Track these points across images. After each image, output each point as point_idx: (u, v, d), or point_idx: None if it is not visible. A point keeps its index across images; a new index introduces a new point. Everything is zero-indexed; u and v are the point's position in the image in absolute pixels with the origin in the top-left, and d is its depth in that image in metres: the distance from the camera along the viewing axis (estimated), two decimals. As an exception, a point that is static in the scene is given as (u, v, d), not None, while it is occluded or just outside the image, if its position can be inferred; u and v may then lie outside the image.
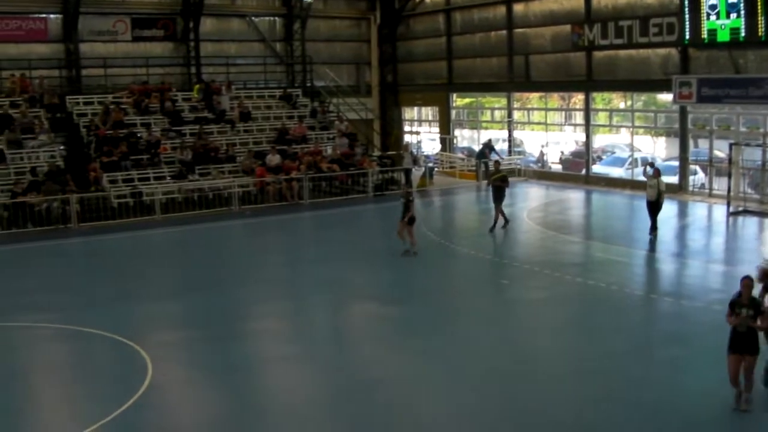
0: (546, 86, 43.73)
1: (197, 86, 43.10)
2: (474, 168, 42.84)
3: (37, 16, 42.59)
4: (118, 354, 16.81)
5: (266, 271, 24.43)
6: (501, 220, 28.98)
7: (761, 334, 13.05)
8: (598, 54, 39.64)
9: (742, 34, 32.09)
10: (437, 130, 51.10)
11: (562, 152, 43.50)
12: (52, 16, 42.91)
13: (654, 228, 26.57)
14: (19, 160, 34.59)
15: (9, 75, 39.97)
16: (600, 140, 42.21)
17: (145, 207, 33.76)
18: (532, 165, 44.36)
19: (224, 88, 42.70)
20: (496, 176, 29.61)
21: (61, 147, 36.30)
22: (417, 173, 41.37)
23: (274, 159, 37.25)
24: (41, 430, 13.36)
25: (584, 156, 41.31)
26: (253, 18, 48.82)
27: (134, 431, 13.05)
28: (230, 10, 48.06)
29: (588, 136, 40.74)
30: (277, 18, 49.94)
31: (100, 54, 43.64)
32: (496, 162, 32.22)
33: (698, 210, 32.85)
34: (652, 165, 28.01)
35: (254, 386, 15.08)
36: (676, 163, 36.72)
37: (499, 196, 29.03)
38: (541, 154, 43.99)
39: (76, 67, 42.93)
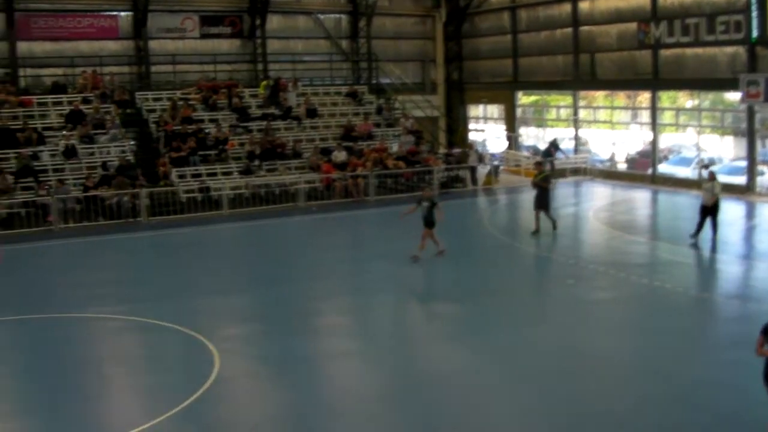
0: (612, 84, 43.40)
1: (264, 83, 43.58)
2: (539, 166, 42.79)
3: (108, 13, 43.49)
4: (185, 347, 17.11)
5: (331, 267, 24.58)
6: (546, 222, 28.21)
7: None
8: (664, 52, 39.32)
9: (812, 32, 31.78)
10: (503, 127, 51.03)
11: (628, 152, 43.21)
12: (122, 13, 43.76)
13: (699, 232, 25.83)
14: (90, 155, 35.36)
15: (81, 71, 40.86)
16: (666, 140, 41.86)
17: (212, 202, 34.30)
18: (599, 164, 44.05)
19: (291, 85, 43.14)
20: (538, 177, 28.66)
21: (132, 142, 37.02)
22: (482, 171, 41.42)
23: (340, 156, 37.61)
24: (112, 419, 13.66)
25: (650, 155, 41.08)
26: (319, 15, 49.18)
27: (201, 423, 13.28)
28: (296, 8, 48.45)
29: (654, 136, 40.49)
30: (342, 15, 50.27)
31: (168, 51, 44.47)
32: (538, 163, 31.68)
33: (766, 211, 32.47)
34: (706, 167, 27.54)
35: (318, 381, 15.21)
36: (744, 164, 36.34)
37: (544, 199, 28.13)
38: (613, 153, 43.67)
39: (146, 63, 43.78)
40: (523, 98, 50.37)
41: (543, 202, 28.08)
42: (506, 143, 49.70)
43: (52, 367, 15.94)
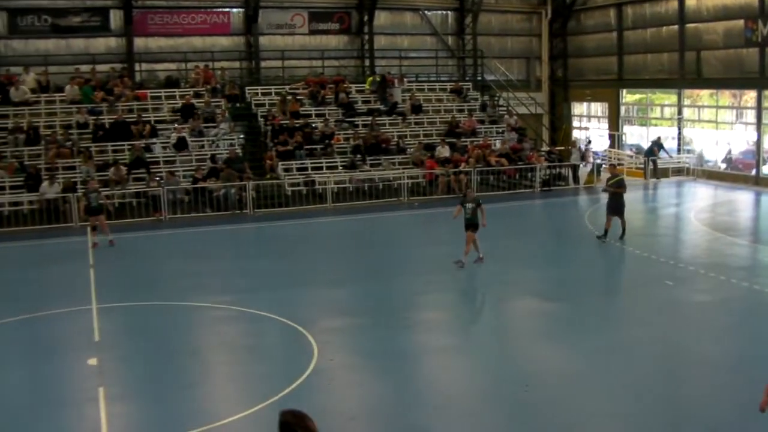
0: (717, 83, 42.18)
1: (370, 78, 43.71)
2: (642, 166, 41.98)
3: (220, 10, 44.17)
4: (286, 337, 17.21)
5: (431, 263, 24.33)
6: (612, 230, 26.40)
7: None
8: (771, 50, 38.19)
9: None
10: (606, 126, 50.27)
11: (729, 151, 42.16)
12: (234, 10, 44.37)
13: None
14: (200, 148, 35.92)
15: (194, 66, 41.58)
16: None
17: (317, 195, 34.48)
18: (706, 164, 43.02)
19: (397, 81, 43.16)
20: (612, 181, 26.74)
21: (240, 136, 37.46)
22: (584, 170, 40.88)
23: (443, 152, 37.43)
24: (212, 406, 13.80)
25: (755, 156, 39.96)
26: (425, 12, 49.08)
27: None
28: (404, 4, 48.43)
29: (759, 136, 39.29)
30: (449, 12, 50.07)
31: (278, 46, 44.93)
32: (612, 166, 30.24)
33: None
34: None
35: (415, 375, 15.16)
36: None
37: (617, 205, 26.30)
38: (729, 152, 42.48)
39: (256, 59, 44.33)
40: (627, 96, 49.34)
41: (617, 207, 26.43)
42: (609, 142, 48.95)
43: (156, 354, 16.24)
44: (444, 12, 50.03)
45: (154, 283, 22.51)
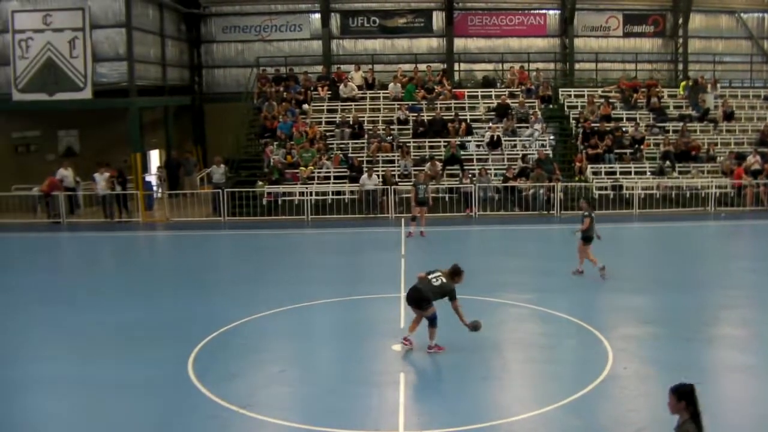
0: None
1: (683, 83, 41.53)
2: None
3: (537, 12, 43.76)
4: (582, 340, 16.45)
5: (733, 276, 22.56)
6: None
7: None
8: None
9: None
10: None
11: None
12: (551, 12, 43.86)
13: None
14: (512, 147, 35.45)
15: (509, 67, 41.29)
16: None
17: (623, 200, 33.01)
18: None
19: (710, 86, 40.80)
20: None
21: (551, 137, 36.72)
22: None
23: (754, 162, 34.97)
24: (504, 401, 13.65)
25: None
26: (741, 14, 46.12)
27: (586, 418, 12.56)
28: (719, 7, 45.70)
29: None
30: (766, 15, 46.74)
31: (592, 49, 43.98)
32: None
33: None
34: None
35: (708, 392, 13.70)
36: None
37: None
38: None
39: (570, 61, 43.36)
40: None
41: None
42: None
43: (457, 345, 15.77)
44: (761, 15, 46.62)
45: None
